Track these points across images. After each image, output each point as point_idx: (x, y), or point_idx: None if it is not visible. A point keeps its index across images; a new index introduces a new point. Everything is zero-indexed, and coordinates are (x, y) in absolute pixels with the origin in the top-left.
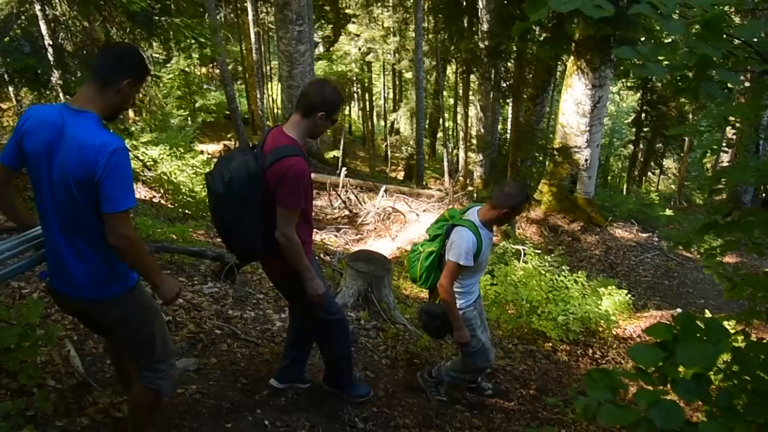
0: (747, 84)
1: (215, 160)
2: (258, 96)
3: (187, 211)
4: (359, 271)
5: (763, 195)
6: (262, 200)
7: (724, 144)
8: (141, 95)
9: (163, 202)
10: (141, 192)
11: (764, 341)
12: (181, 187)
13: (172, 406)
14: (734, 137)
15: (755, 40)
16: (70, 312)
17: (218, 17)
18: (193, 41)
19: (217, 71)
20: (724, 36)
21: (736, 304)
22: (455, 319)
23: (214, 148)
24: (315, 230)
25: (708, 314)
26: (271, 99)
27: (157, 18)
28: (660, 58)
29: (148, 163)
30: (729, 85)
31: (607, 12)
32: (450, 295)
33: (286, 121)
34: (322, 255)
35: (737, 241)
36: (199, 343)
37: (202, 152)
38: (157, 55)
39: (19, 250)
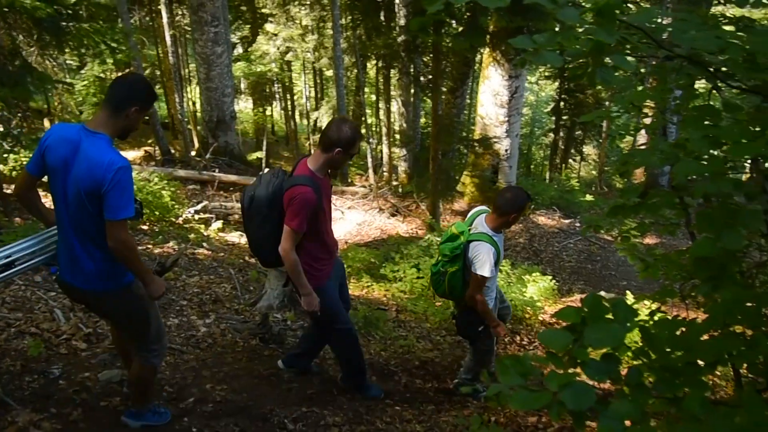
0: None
1: (136, 167)
2: (177, 100)
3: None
4: (283, 272)
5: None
6: (278, 218)
7: (641, 128)
8: (55, 103)
9: None
10: None
11: (680, 318)
12: None
13: (96, 420)
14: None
15: (648, 25)
16: (78, 301)
17: (132, 21)
18: (104, 47)
19: None
20: (618, 22)
21: (657, 284)
22: (492, 320)
23: (134, 154)
24: (241, 233)
25: (629, 295)
26: (191, 102)
27: (65, 24)
28: (556, 45)
29: None
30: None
31: (501, 2)
32: (485, 304)
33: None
34: (246, 257)
35: (656, 222)
36: None
37: None
38: (71, 62)
39: (39, 247)
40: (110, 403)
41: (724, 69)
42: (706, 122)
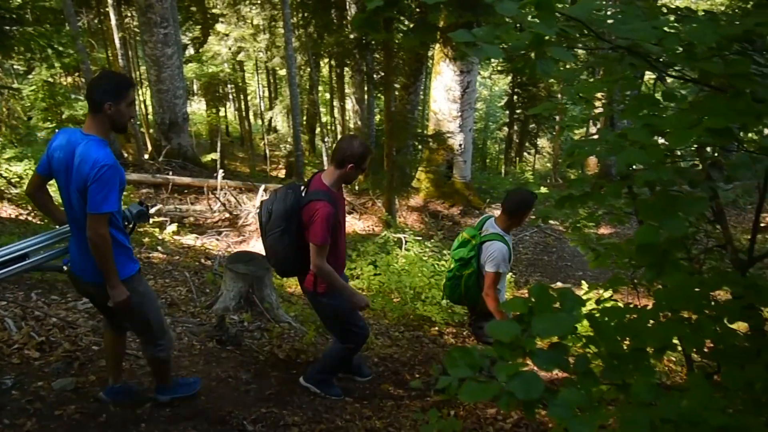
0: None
1: None
2: None
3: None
4: (239, 273)
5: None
6: (296, 230)
7: (589, 119)
8: (3, 109)
9: (31, 219)
10: (7, 210)
11: (632, 305)
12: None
13: (50, 430)
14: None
15: (590, 17)
16: (83, 293)
17: (79, 24)
18: (51, 51)
19: (84, 80)
20: (559, 15)
21: (612, 273)
22: (504, 319)
23: None
24: (197, 236)
25: (584, 285)
26: (143, 105)
27: (9, 28)
28: (499, 39)
29: (13, 180)
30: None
31: None
32: (497, 301)
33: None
34: (203, 260)
35: (609, 212)
36: (76, 361)
37: None
38: (18, 67)
39: (49, 243)
40: (65, 411)
41: (663, 59)
42: (645, 112)
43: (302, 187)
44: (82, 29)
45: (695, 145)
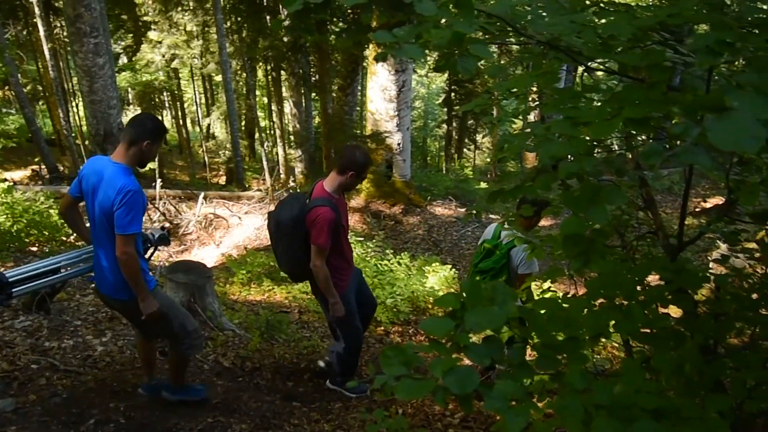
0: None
1: (21, 186)
2: (62, 115)
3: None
4: (179, 283)
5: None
6: (303, 236)
7: (519, 113)
8: None
9: None
10: None
11: (569, 295)
12: None
13: None
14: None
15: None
16: (110, 307)
17: (6, 36)
18: None
19: (14, 93)
20: (480, 12)
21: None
22: None
23: (21, 174)
24: None
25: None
26: (77, 117)
27: None
28: (423, 38)
29: None
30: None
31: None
32: None
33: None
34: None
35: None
36: (15, 381)
37: (5, 180)
38: None
39: (81, 259)
40: None
41: (583, 52)
42: (568, 104)
43: (306, 196)
44: (9, 41)
45: (626, 135)
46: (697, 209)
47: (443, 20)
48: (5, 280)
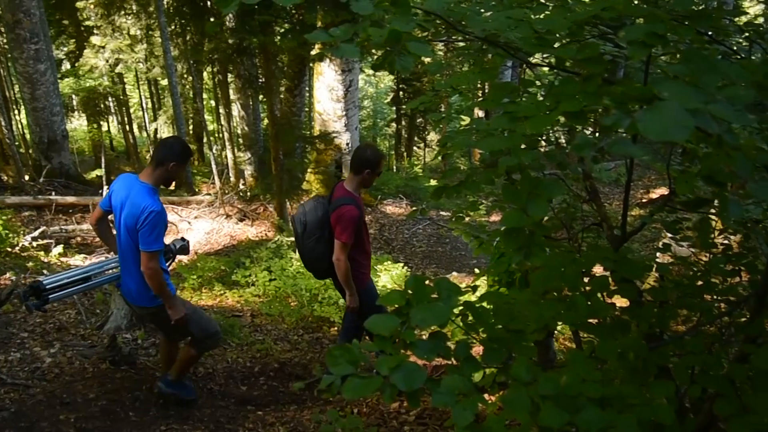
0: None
1: None
2: (3, 123)
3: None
4: None
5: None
6: (329, 236)
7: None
8: None
9: None
10: None
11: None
12: None
13: None
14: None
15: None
16: (135, 314)
17: None
18: None
19: None
20: (416, 10)
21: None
22: None
23: None
24: (85, 256)
25: (477, 272)
26: (20, 125)
27: None
28: (363, 36)
29: None
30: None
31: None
32: None
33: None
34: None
35: (499, 199)
36: None
37: None
38: None
39: (109, 268)
40: None
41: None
42: (506, 100)
43: (325, 198)
44: None
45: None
46: (644, 200)
47: (387, 17)
48: (43, 287)
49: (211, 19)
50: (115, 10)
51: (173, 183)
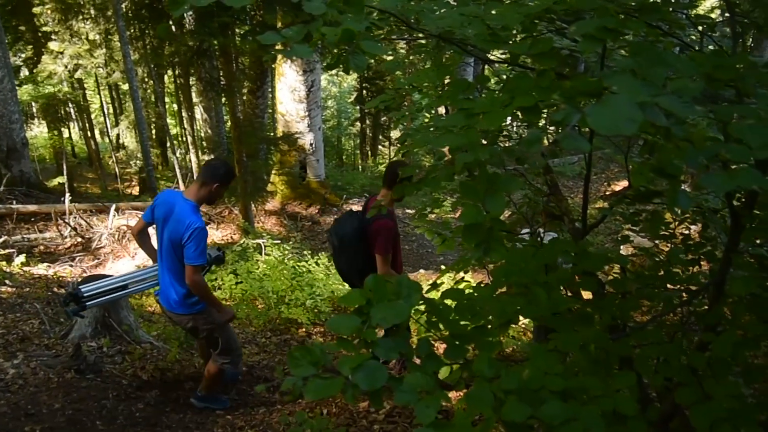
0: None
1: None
2: None
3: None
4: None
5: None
6: (365, 248)
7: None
8: None
9: None
10: None
11: (481, 284)
12: None
13: None
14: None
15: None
16: (170, 320)
17: None
18: None
19: None
20: (370, 9)
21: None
22: None
23: None
24: (48, 264)
25: (443, 269)
26: None
27: None
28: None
29: None
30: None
31: (246, 1)
32: None
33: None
34: (55, 289)
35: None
36: None
37: None
38: None
39: (146, 277)
40: None
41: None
42: (461, 96)
43: (359, 213)
44: None
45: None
46: (607, 192)
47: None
48: (81, 294)
49: (171, 22)
50: (72, 15)
51: (214, 202)
